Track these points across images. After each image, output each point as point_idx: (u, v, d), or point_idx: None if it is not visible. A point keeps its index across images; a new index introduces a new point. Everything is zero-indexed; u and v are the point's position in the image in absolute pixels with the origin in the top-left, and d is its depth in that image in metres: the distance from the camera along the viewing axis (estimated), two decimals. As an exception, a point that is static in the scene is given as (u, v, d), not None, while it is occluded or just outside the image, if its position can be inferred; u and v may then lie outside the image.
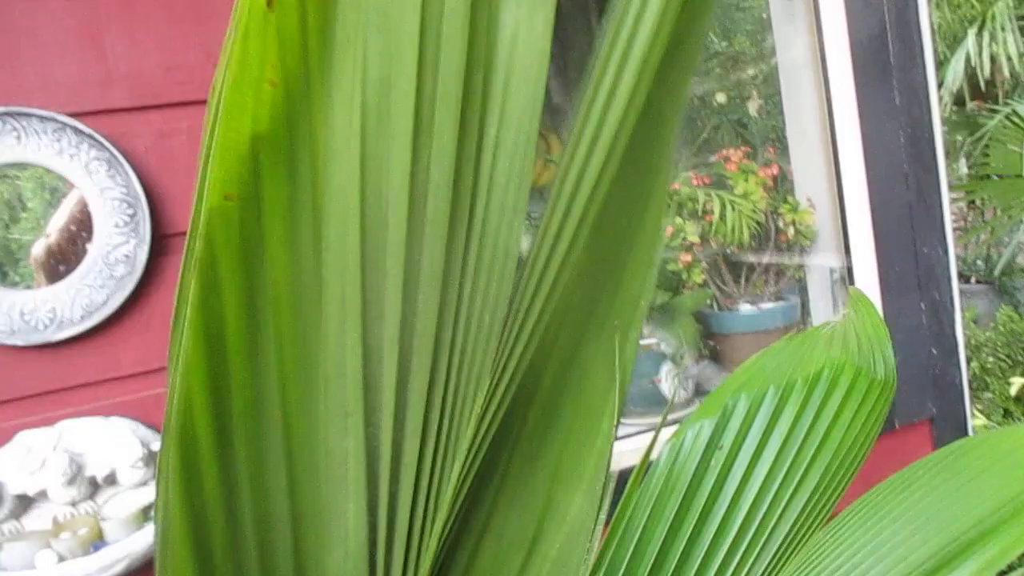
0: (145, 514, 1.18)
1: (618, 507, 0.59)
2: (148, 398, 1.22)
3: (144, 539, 1.14)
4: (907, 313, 1.78)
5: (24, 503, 1.14)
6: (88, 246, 1.20)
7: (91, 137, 1.17)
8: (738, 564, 0.59)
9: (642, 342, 1.79)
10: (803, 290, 1.95)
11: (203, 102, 1.23)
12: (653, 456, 0.64)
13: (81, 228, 1.22)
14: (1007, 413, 3.69)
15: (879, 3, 1.70)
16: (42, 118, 1.15)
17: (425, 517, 0.40)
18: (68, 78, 1.17)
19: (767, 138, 2.33)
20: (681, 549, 0.59)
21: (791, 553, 0.58)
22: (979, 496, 0.52)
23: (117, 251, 1.21)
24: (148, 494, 1.18)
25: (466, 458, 0.39)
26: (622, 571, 0.57)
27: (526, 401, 0.44)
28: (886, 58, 1.72)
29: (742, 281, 1.87)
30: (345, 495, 0.38)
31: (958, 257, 4.40)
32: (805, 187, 1.90)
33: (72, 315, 1.18)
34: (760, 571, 0.58)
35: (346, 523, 0.38)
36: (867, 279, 1.77)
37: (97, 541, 1.15)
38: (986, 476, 0.54)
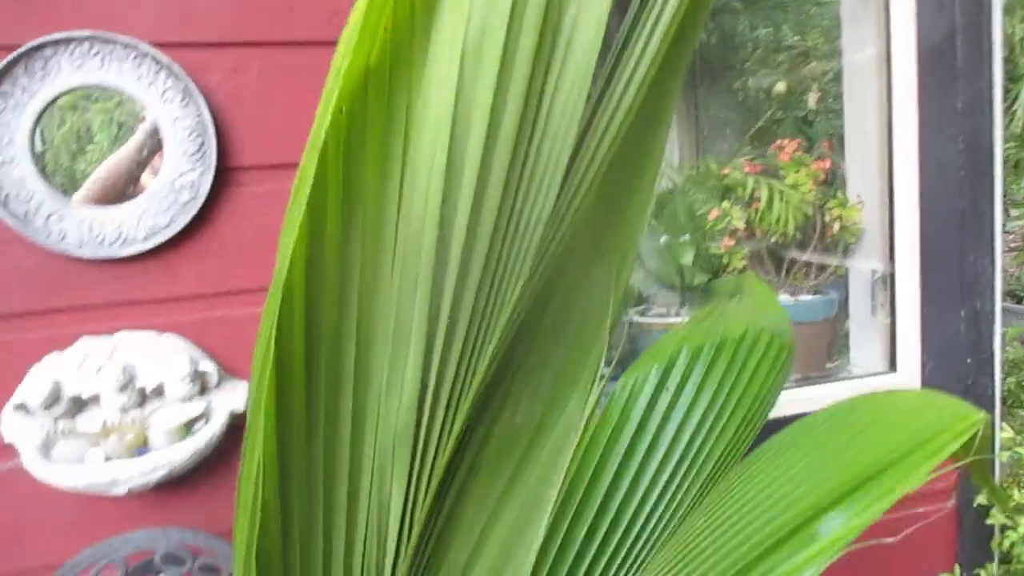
0: (187, 427, 1.25)
1: (584, 429, 0.66)
2: (200, 320, 1.29)
3: (185, 451, 1.21)
4: (946, 319, 1.78)
5: (78, 404, 1.21)
6: (157, 171, 1.27)
7: (169, 68, 1.22)
8: (677, 487, 0.67)
9: (674, 320, 1.82)
10: (843, 287, 1.95)
11: (275, 43, 1.29)
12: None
13: (152, 154, 1.28)
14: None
15: (951, 8, 1.68)
16: (125, 45, 1.21)
17: (464, 383, 0.46)
18: (153, 9, 1.23)
19: (826, 134, 2.32)
20: (634, 470, 0.66)
21: (716, 481, 0.65)
22: (873, 442, 0.59)
23: (183, 178, 1.27)
24: (192, 409, 1.25)
25: (499, 340, 0.45)
26: (586, 481, 0.64)
27: (541, 308, 0.50)
28: (952, 64, 1.71)
29: (783, 271, 1.89)
30: (406, 355, 0.44)
31: (1012, 275, 4.31)
32: (857, 185, 1.90)
33: (136, 234, 1.25)
34: (693, 493, 0.66)
35: (404, 378, 0.45)
36: (909, 281, 1.78)
37: (141, 447, 1.23)
38: (876, 427, 0.61)
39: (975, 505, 1.77)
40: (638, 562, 0.69)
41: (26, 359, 1.21)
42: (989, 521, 1.73)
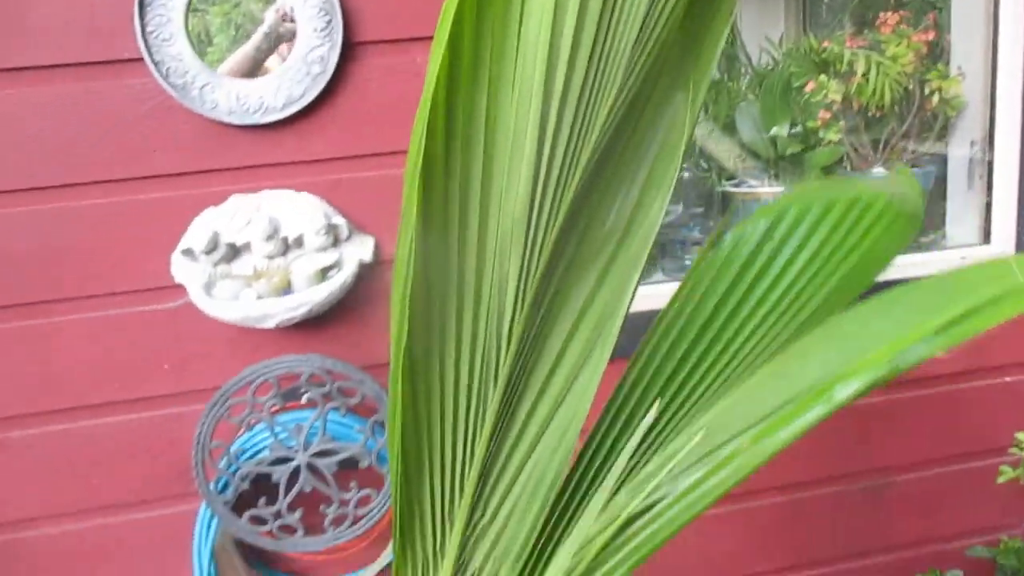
0: (323, 274, 1.44)
1: (693, 264, 0.77)
2: (331, 181, 1.46)
3: (322, 292, 1.40)
4: (1043, 195, 1.78)
5: (233, 251, 1.41)
6: (291, 47, 1.42)
7: (300, -51, 1.35)
8: (772, 326, 0.77)
9: (766, 191, 1.89)
10: (941, 162, 1.96)
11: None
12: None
13: (286, 32, 1.43)
14: None
15: None
16: (262, -71, 1.34)
17: (565, 182, 0.59)
18: None
19: (932, 5, 2.27)
20: (732, 307, 0.77)
21: (802, 334, 0.75)
22: (957, 296, 0.64)
23: (313, 53, 1.41)
24: (327, 258, 1.43)
25: (592, 149, 0.58)
26: (690, 310, 0.76)
27: (631, 127, 0.62)
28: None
29: (880, 146, 1.91)
30: (521, 158, 0.57)
31: None
32: (959, 58, 1.88)
33: (275, 103, 1.42)
34: (784, 336, 0.76)
35: (519, 177, 0.58)
36: (1008, 154, 1.78)
37: (285, 289, 1.42)
38: (961, 285, 0.66)
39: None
40: (717, 381, 0.81)
41: (188, 213, 1.41)
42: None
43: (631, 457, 0.72)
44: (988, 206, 1.86)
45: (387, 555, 1.59)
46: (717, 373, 0.80)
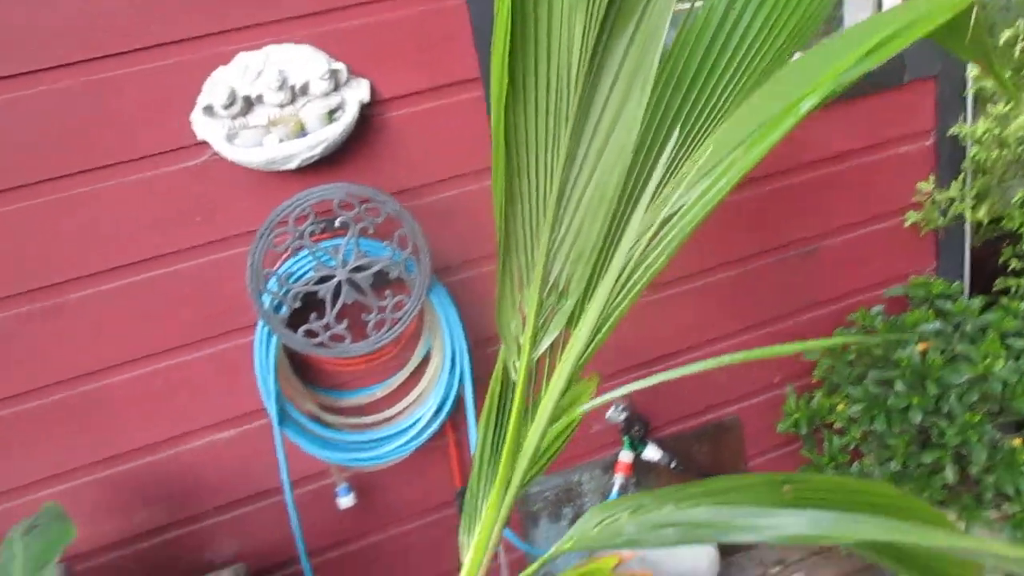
0: (330, 116, 1.62)
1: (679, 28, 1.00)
2: (325, 31, 1.62)
3: (335, 130, 1.59)
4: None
5: (247, 105, 1.58)
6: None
7: None
8: (746, 69, 1.00)
9: None
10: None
11: None
12: None
13: None
14: None
15: None
16: None
17: None
18: None
19: None
20: (714, 57, 1.00)
21: (772, 73, 0.99)
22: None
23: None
24: (331, 101, 1.61)
25: None
26: (684, 60, 0.99)
27: None
28: None
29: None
30: None
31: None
32: None
33: (264, -37, 1.55)
34: (755, 79, 1.00)
35: None
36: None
37: (300, 132, 1.60)
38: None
39: (948, 135, 2.17)
40: (715, 113, 1.04)
41: (199, 74, 1.56)
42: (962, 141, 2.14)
43: (663, 174, 0.97)
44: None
45: (416, 358, 1.85)
46: (712, 106, 1.04)
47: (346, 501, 1.87)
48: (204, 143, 1.59)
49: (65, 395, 1.66)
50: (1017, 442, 1.74)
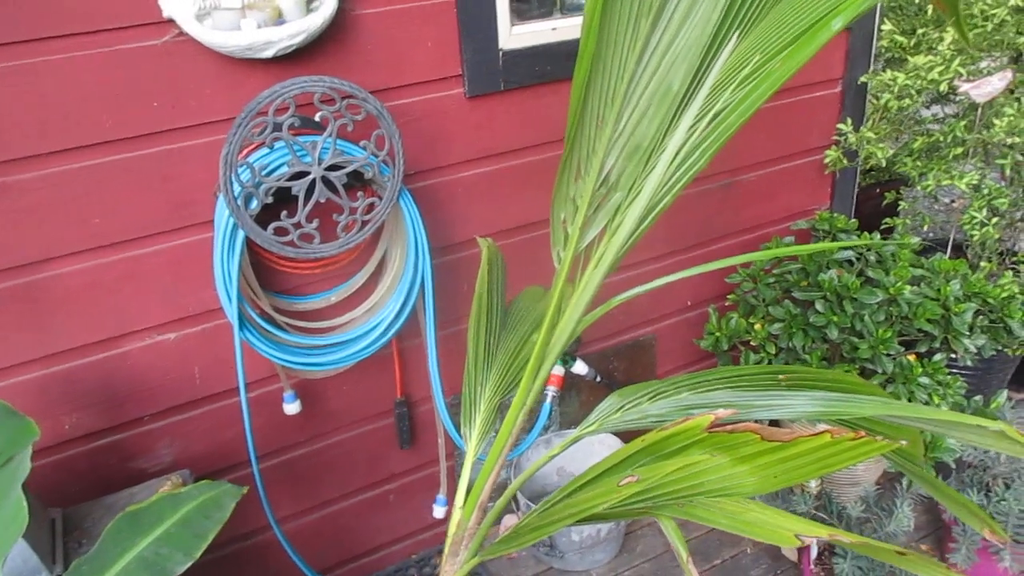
0: (307, 5, 1.55)
1: None
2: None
3: (315, 20, 1.53)
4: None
5: (225, -16, 1.49)
6: None
7: None
8: None
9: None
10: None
11: None
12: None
13: None
14: None
15: None
16: None
17: None
18: None
19: None
20: None
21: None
22: None
23: None
24: (310, -10, 1.55)
25: None
26: None
27: None
28: None
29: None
30: None
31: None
32: None
33: None
34: None
35: None
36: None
37: (278, 19, 1.53)
38: None
39: (858, 83, 2.36)
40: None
41: (169, -54, 1.45)
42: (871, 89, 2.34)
43: (717, 77, 1.03)
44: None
45: (372, 264, 1.84)
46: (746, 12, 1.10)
47: (292, 408, 1.85)
48: (170, 21, 1.49)
49: (3, 286, 1.53)
50: (912, 357, 1.98)
